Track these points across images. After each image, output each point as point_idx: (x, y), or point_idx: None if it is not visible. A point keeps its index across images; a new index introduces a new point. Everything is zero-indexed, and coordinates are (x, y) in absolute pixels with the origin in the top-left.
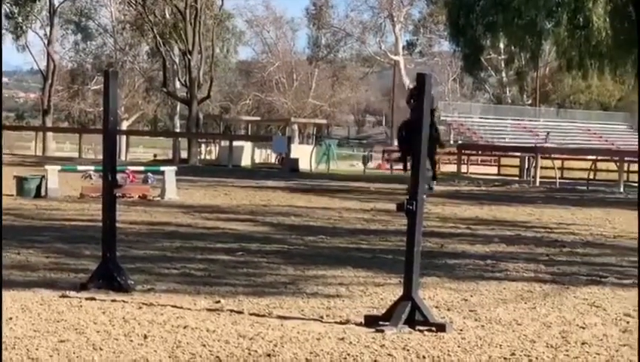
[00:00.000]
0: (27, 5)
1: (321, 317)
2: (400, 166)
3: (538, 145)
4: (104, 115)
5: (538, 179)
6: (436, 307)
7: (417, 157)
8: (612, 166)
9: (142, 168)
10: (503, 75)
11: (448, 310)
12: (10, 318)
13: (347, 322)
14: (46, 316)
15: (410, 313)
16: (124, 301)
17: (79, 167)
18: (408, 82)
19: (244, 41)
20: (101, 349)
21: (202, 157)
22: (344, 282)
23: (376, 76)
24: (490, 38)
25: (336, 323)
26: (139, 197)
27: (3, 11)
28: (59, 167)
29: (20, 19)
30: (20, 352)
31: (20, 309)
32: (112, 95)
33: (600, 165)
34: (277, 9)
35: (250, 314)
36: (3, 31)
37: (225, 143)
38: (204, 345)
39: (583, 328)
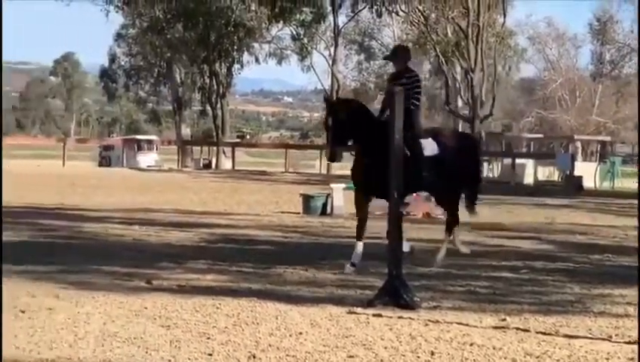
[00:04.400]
0: (312, 27)
1: (610, 337)
2: None
3: None
4: (390, 133)
5: None
6: None
7: None
8: None
9: None
10: None
11: None
12: (300, 333)
13: (636, 342)
14: (335, 331)
15: None
16: (410, 318)
17: None
18: None
19: (526, 59)
20: None
21: (484, 175)
22: (632, 301)
23: None
24: None
25: (625, 343)
26: (422, 215)
27: (290, 33)
28: (343, 185)
29: (305, 41)
30: None
31: (309, 324)
32: (397, 113)
33: None
34: (559, 25)
35: (537, 333)
36: (288, 52)
37: (507, 161)
38: None
39: None
